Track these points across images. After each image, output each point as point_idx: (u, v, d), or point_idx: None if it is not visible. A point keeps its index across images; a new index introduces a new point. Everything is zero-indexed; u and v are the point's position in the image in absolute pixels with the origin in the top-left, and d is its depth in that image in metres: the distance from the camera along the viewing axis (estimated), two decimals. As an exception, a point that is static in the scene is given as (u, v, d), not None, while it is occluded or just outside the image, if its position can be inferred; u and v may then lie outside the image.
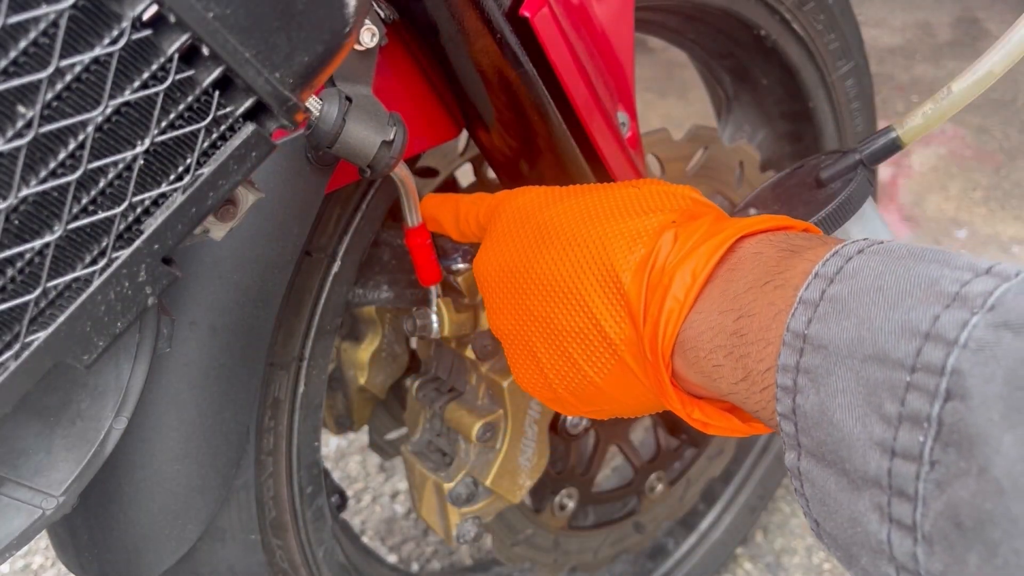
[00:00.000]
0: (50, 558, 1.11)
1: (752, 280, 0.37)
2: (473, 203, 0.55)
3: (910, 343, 0.28)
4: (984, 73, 0.45)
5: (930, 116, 0.47)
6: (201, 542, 0.56)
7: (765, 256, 0.38)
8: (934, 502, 0.27)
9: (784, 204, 0.51)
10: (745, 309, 0.36)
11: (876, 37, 2.94)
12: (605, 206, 0.46)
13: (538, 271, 0.46)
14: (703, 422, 0.42)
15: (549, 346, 0.46)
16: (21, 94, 0.29)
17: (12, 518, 0.40)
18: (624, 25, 0.60)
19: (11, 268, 0.32)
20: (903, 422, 0.28)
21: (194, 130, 0.33)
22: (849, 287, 0.32)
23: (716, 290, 0.38)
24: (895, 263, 0.32)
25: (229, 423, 0.53)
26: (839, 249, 0.34)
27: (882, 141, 0.49)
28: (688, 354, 0.39)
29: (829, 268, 0.33)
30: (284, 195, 0.50)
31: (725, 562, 1.06)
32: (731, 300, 0.37)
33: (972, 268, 0.29)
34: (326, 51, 0.34)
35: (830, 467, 0.31)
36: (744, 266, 0.38)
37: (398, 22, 0.53)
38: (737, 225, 0.40)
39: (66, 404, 0.42)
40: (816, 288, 0.33)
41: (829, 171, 0.50)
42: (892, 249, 0.33)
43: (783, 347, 0.33)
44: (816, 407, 0.31)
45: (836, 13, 0.83)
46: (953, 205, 1.96)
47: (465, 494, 0.68)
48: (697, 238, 0.40)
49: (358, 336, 0.80)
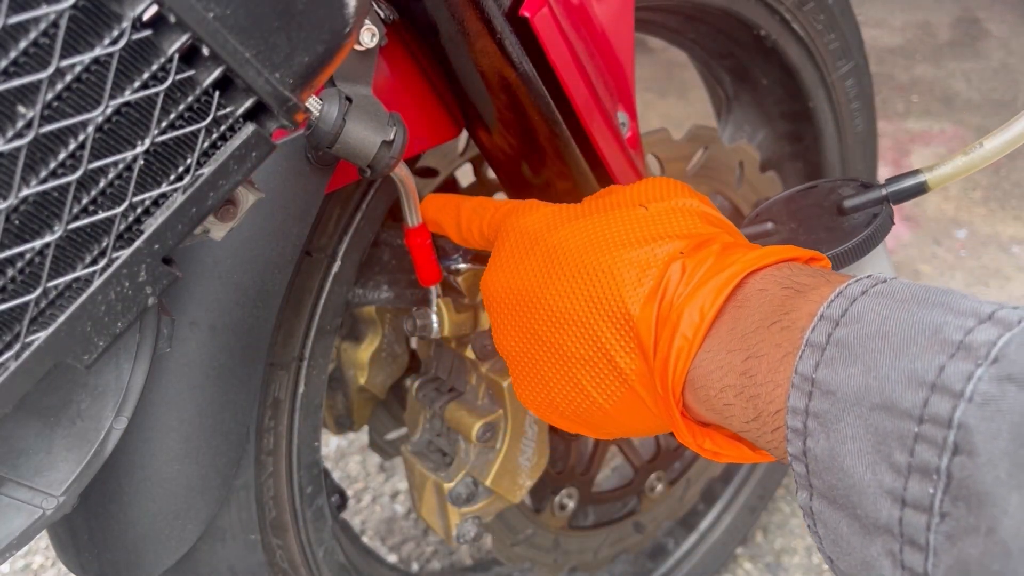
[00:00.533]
0: (50, 558, 1.11)
1: (759, 320, 0.37)
2: (475, 212, 0.55)
3: (917, 393, 0.29)
4: (1016, 133, 0.47)
5: (959, 166, 0.48)
6: (201, 542, 0.56)
7: (770, 294, 0.38)
8: (945, 555, 0.27)
9: (802, 225, 0.52)
10: (753, 350, 0.37)
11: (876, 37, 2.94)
12: (613, 231, 0.45)
13: (548, 299, 0.46)
14: (714, 452, 0.42)
15: (557, 371, 0.47)
16: (21, 94, 0.29)
17: (12, 518, 0.40)
18: (624, 25, 0.60)
19: (11, 268, 0.32)
20: (912, 472, 0.28)
21: (194, 130, 0.33)
22: (854, 332, 0.32)
23: (724, 328, 0.39)
24: (899, 307, 0.32)
25: (229, 423, 0.53)
26: (843, 290, 0.35)
27: (910, 182, 0.50)
28: (699, 392, 0.40)
29: (834, 310, 0.34)
30: (284, 195, 0.50)
31: (725, 562, 1.06)
32: (739, 339, 0.38)
33: (975, 314, 0.30)
34: (326, 51, 0.34)
35: (842, 510, 0.32)
36: (751, 304, 0.38)
37: (398, 22, 0.53)
38: (743, 261, 0.40)
39: (66, 404, 0.42)
40: (822, 331, 0.33)
41: (853, 202, 0.50)
42: (896, 291, 0.33)
43: (792, 389, 0.34)
44: (826, 452, 0.32)
45: (836, 13, 0.83)
46: (953, 205, 1.96)
47: (465, 494, 0.68)
48: (704, 272, 0.40)
49: (358, 336, 0.80)
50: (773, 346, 0.36)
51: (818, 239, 0.50)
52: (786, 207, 0.54)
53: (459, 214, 0.56)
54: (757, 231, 0.53)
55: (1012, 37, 2.91)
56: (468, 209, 0.55)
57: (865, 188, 0.52)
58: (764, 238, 0.52)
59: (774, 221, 0.53)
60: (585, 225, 0.47)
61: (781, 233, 0.52)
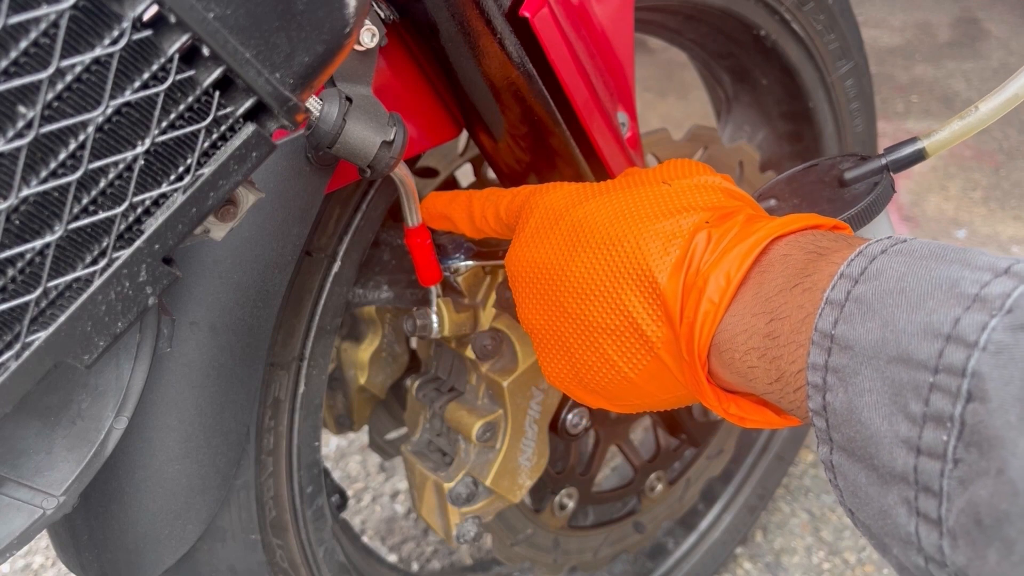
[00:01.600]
0: (50, 558, 1.11)
1: (782, 283, 0.38)
2: (489, 200, 0.55)
3: (932, 345, 0.29)
4: (1010, 95, 0.48)
5: (956, 131, 0.49)
6: (201, 542, 0.56)
7: (793, 258, 0.39)
8: (957, 499, 0.28)
9: (805, 199, 0.52)
10: (776, 312, 0.38)
11: (876, 37, 2.94)
12: (638, 205, 0.46)
13: (573, 271, 0.47)
14: (740, 416, 0.43)
15: (583, 342, 0.47)
16: (22, 94, 0.29)
17: (13, 518, 0.41)
18: (624, 25, 0.60)
19: (12, 268, 0.32)
20: (927, 421, 0.29)
21: (194, 130, 0.33)
22: (873, 288, 0.33)
23: (748, 293, 0.40)
24: (917, 264, 0.33)
25: (229, 423, 0.53)
26: (863, 249, 0.35)
27: (908, 150, 0.51)
28: (724, 355, 0.40)
29: (854, 268, 0.34)
30: (284, 195, 0.50)
31: (725, 562, 1.06)
32: (763, 303, 0.38)
33: (992, 268, 0.30)
34: (326, 51, 0.34)
35: (860, 462, 0.32)
36: (774, 269, 0.39)
37: (398, 22, 0.53)
38: (768, 227, 0.41)
39: (67, 404, 0.42)
40: (842, 289, 0.34)
41: (853, 173, 0.51)
42: (914, 249, 0.34)
43: (812, 346, 0.34)
44: (845, 405, 0.33)
45: (836, 13, 0.83)
46: (952, 205, 1.96)
47: (465, 494, 0.68)
48: (730, 240, 0.41)
49: (358, 336, 0.80)
50: (795, 307, 0.37)
51: (821, 210, 0.51)
52: (788, 185, 0.55)
53: (471, 204, 0.56)
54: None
55: (1012, 37, 2.91)
56: (481, 198, 0.55)
57: (864, 160, 0.52)
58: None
59: (776, 198, 0.53)
60: (610, 200, 0.47)
61: (784, 209, 0.53)
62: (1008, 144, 2.20)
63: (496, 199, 0.54)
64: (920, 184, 2.06)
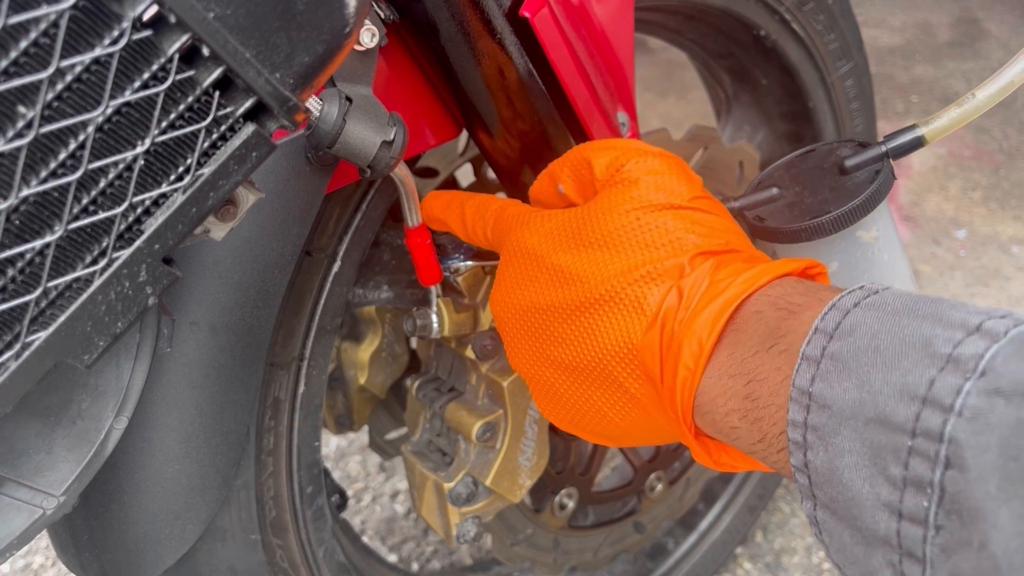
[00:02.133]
0: (50, 558, 1.11)
1: (757, 344, 0.38)
2: (479, 213, 0.55)
3: (909, 407, 0.29)
4: (1006, 82, 0.49)
5: (954, 118, 0.50)
6: (201, 542, 0.56)
7: (766, 316, 0.39)
8: (941, 567, 0.28)
9: (806, 187, 0.52)
10: (754, 374, 0.38)
11: (876, 37, 2.94)
12: (610, 258, 0.45)
13: (554, 324, 0.47)
14: (732, 465, 0.43)
15: (571, 390, 0.47)
16: (22, 94, 0.29)
17: (13, 518, 0.41)
18: (624, 25, 0.60)
19: (12, 268, 0.32)
20: (908, 486, 0.29)
21: (194, 130, 0.33)
22: (848, 345, 0.33)
23: (724, 354, 0.39)
24: (890, 320, 0.33)
25: (229, 423, 0.53)
26: (836, 302, 0.35)
27: (908, 137, 0.51)
28: (705, 416, 0.40)
29: (828, 323, 0.35)
30: (284, 195, 0.50)
31: (725, 562, 1.06)
32: (739, 364, 0.38)
33: (964, 326, 0.30)
34: (326, 51, 0.34)
35: (844, 521, 0.32)
36: (748, 328, 0.39)
37: (398, 22, 0.53)
38: (738, 285, 0.40)
39: (67, 404, 0.42)
40: (817, 344, 0.34)
41: (854, 161, 0.51)
42: (887, 302, 0.34)
43: (790, 402, 0.34)
44: (826, 464, 0.33)
45: (836, 13, 0.83)
46: (952, 205, 1.96)
47: (465, 494, 0.68)
48: (700, 298, 0.41)
49: (358, 336, 0.80)
50: (773, 369, 0.37)
51: (824, 199, 0.51)
52: (787, 171, 0.54)
53: (463, 213, 0.56)
54: (762, 197, 0.53)
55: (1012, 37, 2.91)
56: (472, 209, 0.55)
57: (863, 147, 0.52)
58: (771, 203, 0.53)
59: (778, 186, 0.53)
60: (586, 253, 0.46)
61: (787, 197, 0.53)
62: (1008, 144, 2.20)
63: (485, 214, 0.54)
64: (920, 184, 2.06)
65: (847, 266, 0.53)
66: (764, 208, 0.53)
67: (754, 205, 0.53)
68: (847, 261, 0.52)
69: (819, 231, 0.50)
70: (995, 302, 1.61)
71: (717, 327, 0.39)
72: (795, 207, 0.51)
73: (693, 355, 0.40)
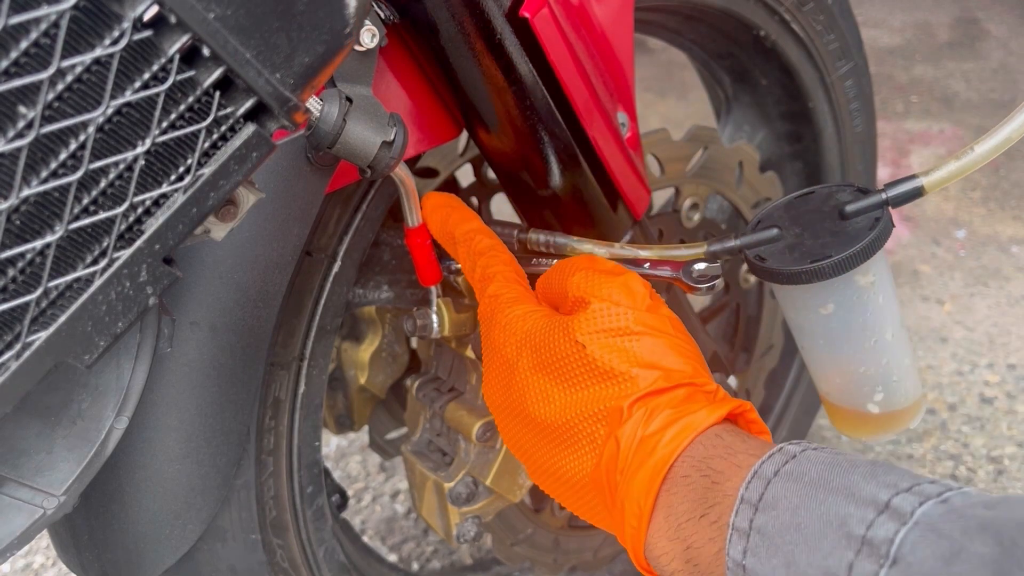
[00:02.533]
0: (51, 557, 1.11)
1: (688, 509, 0.41)
2: (466, 258, 0.56)
3: None
4: (1005, 137, 0.51)
5: (953, 170, 0.52)
6: (202, 541, 0.56)
7: (692, 481, 0.41)
8: None
9: (807, 230, 0.54)
10: (690, 541, 0.40)
11: (875, 37, 2.94)
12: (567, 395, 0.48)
13: (531, 436, 0.50)
14: None
15: (556, 489, 0.51)
16: (22, 95, 0.29)
17: (13, 517, 0.41)
18: (624, 26, 0.60)
19: (12, 268, 0.32)
20: None
21: (195, 130, 0.33)
22: (772, 520, 0.36)
23: (660, 515, 0.42)
24: (808, 494, 0.36)
25: (230, 423, 0.53)
26: (758, 469, 0.38)
27: (908, 187, 0.52)
28: (656, 563, 0.43)
29: (752, 494, 0.38)
30: (285, 195, 0.50)
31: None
32: (676, 530, 0.41)
33: (874, 503, 0.33)
34: (326, 52, 0.34)
35: None
36: (678, 491, 0.42)
37: (398, 23, 0.53)
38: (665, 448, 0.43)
39: (67, 404, 0.42)
40: (744, 516, 0.37)
41: (854, 207, 0.52)
42: (804, 472, 0.37)
43: (728, 573, 0.37)
44: None
45: (835, 13, 0.83)
46: (952, 205, 1.96)
47: (465, 493, 0.68)
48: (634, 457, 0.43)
49: (358, 336, 0.80)
50: (707, 540, 0.39)
51: (825, 243, 0.52)
52: (787, 213, 0.55)
53: (455, 246, 0.57)
54: (763, 237, 0.54)
55: (1011, 37, 2.91)
56: (461, 248, 0.57)
57: (863, 193, 0.53)
58: (771, 244, 0.54)
59: (778, 227, 0.54)
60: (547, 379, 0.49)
61: (787, 238, 0.53)
62: (1008, 144, 2.20)
63: (467, 259, 0.56)
64: (920, 184, 2.06)
65: (843, 308, 0.54)
66: (765, 248, 0.53)
67: (754, 244, 0.54)
68: (843, 303, 0.54)
69: (819, 275, 0.51)
70: (995, 302, 1.61)
71: (651, 493, 0.42)
72: (795, 249, 0.52)
73: (635, 515, 0.43)
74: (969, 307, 1.60)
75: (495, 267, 0.54)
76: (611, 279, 0.49)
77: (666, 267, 0.56)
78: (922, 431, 1.30)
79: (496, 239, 0.56)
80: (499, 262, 0.55)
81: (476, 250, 0.55)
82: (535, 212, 0.63)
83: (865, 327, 0.55)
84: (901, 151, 2.22)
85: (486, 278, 0.54)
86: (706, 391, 0.46)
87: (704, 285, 0.55)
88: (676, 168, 0.79)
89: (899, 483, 0.34)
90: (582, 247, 0.59)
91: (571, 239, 0.59)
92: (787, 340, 0.98)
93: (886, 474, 0.35)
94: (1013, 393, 1.37)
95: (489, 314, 0.53)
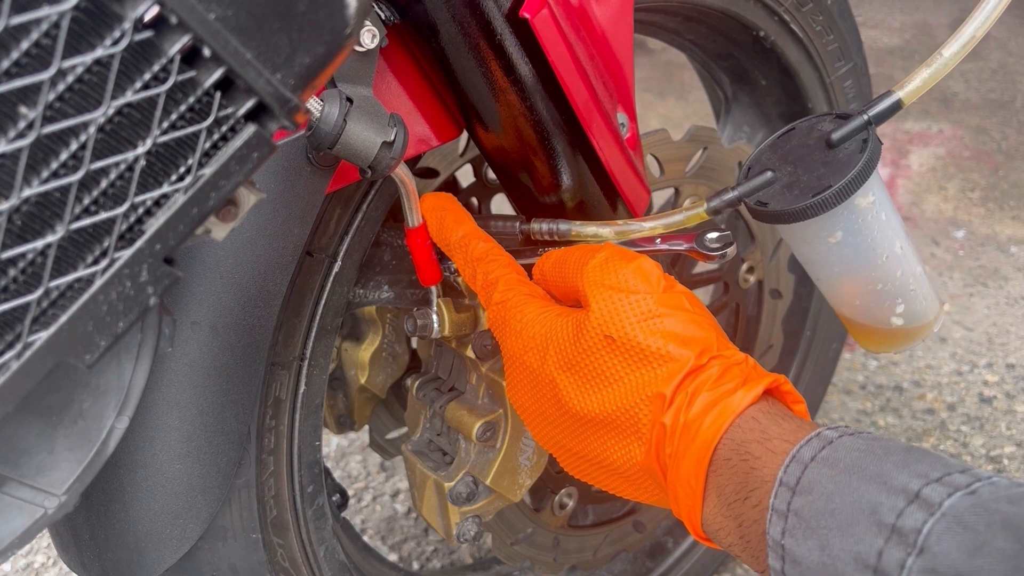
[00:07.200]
0: (52, 557, 1.11)
1: (735, 490, 0.43)
2: (464, 266, 0.56)
3: (864, 575, 0.34)
4: (968, 36, 0.51)
5: (926, 78, 0.52)
6: (202, 541, 0.56)
7: (734, 465, 0.43)
8: None
9: (799, 166, 0.53)
10: (741, 519, 0.42)
11: (875, 38, 2.94)
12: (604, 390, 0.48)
13: (568, 436, 0.51)
14: None
15: (603, 479, 0.51)
16: (23, 95, 0.29)
17: (14, 517, 0.41)
18: (624, 26, 0.60)
19: (13, 268, 0.32)
20: None
21: (195, 131, 0.33)
22: (808, 504, 0.38)
23: (712, 495, 0.44)
24: (842, 480, 0.37)
25: (230, 422, 0.54)
26: (796, 454, 0.40)
27: (887, 103, 0.52)
28: (713, 536, 0.45)
29: (790, 477, 0.39)
30: (285, 195, 0.50)
31: (724, 561, 1.06)
32: (727, 508, 0.43)
33: (905, 493, 0.35)
34: (327, 52, 0.34)
35: None
36: (724, 472, 0.43)
37: (398, 23, 0.53)
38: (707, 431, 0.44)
39: (68, 403, 0.42)
40: (783, 498, 0.39)
41: (839, 133, 0.52)
42: (840, 457, 0.38)
43: (769, 551, 0.39)
44: None
45: (835, 14, 0.83)
46: (951, 205, 1.96)
47: (465, 493, 0.68)
48: (680, 440, 0.45)
49: (359, 336, 0.80)
50: (753, 521, 0.41)
51: (820, 175, 0.52)
52: (775, 153, 0.55)
53: (452, 255, 0.58)
54: (759, 182, 0.54)
55: (1010, 38, 2.92)
56: (457, 255, 0.57)
57: (844, 118, 0.53)
58: (768, 187, 0.53)
59: (771, 169, 0.54)
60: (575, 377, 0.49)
61: (782, 178, 0.53)
62: (1007, 145, 2.20)
63: (465, 268, 0.56)
64: (919, 184, 2.06)
65: (851, 232, 0.54)
66: (763, 193, 0.53)
67: (752, 191, 0.54)
68: (850, 228, 0.53)
69: (824, 206, 0.50)
70: (994, 302, 1.61)
71: (700, 476, 0.44)
72: (793, 187, 0.52)
73: (688, 494, 0.45)
74: (968, 307, 1.60)
75: (496, 272, 0.54)
76: (624, 266, 0.50)
77: (679, 240, 0.57)
78: (922, 431, 1.31)
79: (492, 242, 0.56)
80: (499, 266, 0.55)
81: (473, 256, 0.55)
82: (535, 212, 0.63)
83: (874, 246, 0.54)
84: (900, 151, 2.22)
85: (488, 284, 0.54)
86: (736, 362, 0.46)
87: (718, 252, 0.56)
88: (676, 168, 0.79)
89: (930, 473, 0.35)
90: (585, 230, 0.59)
91: (573, 224, 0.59)
92: (787, 340, 0.98)
93: (918, 462, 0.36)
94: (1012, 393, 1.37)
95: (500, 321, 0.53)
